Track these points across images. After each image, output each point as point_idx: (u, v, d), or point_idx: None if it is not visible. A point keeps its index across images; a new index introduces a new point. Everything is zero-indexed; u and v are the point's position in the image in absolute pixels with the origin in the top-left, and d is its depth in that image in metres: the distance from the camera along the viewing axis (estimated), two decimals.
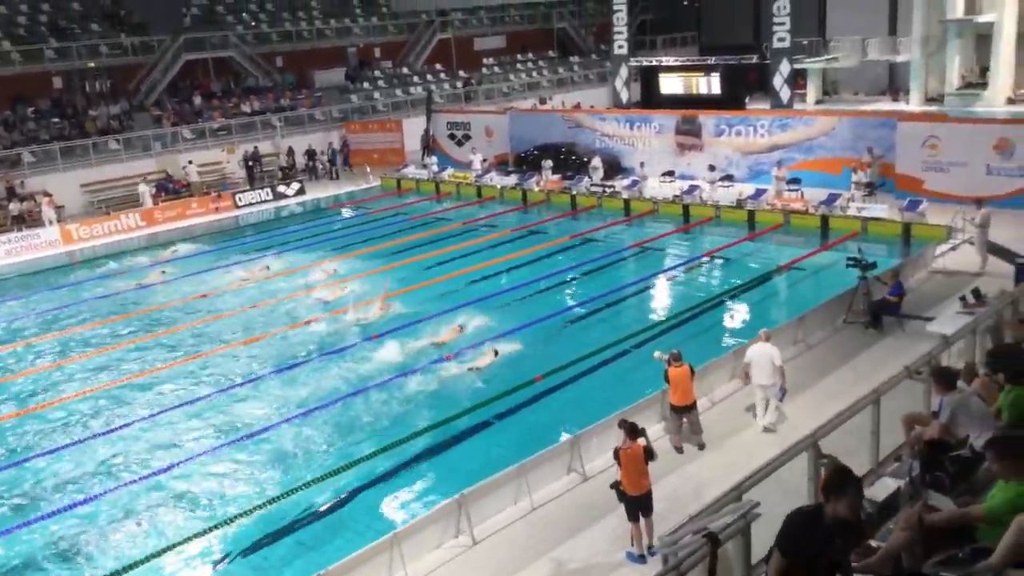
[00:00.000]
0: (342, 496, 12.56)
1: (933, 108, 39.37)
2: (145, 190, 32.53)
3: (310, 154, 37.91)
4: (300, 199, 34.40)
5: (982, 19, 40.61)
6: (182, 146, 35.78)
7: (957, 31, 41.82)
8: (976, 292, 15.00)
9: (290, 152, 37.51)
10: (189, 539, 11.55)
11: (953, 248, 20.97)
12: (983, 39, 41.37)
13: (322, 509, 12.29)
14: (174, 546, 11.44)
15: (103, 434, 14.96)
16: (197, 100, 38.51)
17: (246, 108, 38.80)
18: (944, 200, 23.81)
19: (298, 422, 14.88)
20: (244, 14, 43.45)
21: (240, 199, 33.56)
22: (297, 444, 14.17)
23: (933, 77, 42.84)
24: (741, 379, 13.95)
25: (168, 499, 12.80)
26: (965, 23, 41.54)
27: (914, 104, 41.91)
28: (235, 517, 12.03)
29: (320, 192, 35.30)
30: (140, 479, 13.30)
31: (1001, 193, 23.24)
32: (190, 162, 34.60)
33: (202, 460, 13.82)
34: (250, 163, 35.92)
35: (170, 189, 33.72)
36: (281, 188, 34.68)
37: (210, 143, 36.64)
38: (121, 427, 15.18)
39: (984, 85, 41.01)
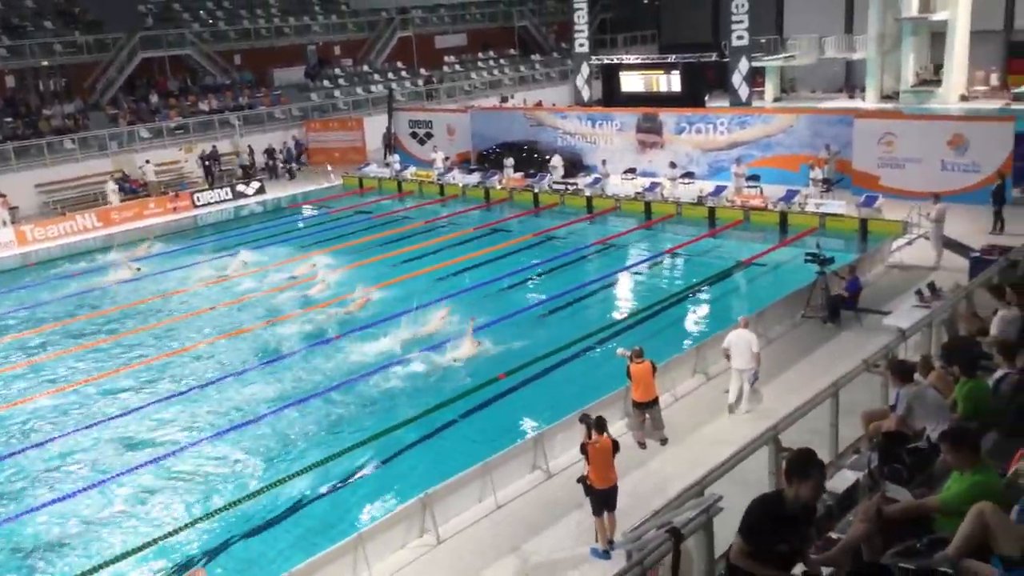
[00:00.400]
0: (304, 497, 12.46)
1: (889, 105, 40.06)
2: (113, 187, 32.09)
3: (269, 153, 37.56)
4: (260, 198, 34.04)
5: (936, 17, 41.38)
6: (139, 145, 35.21)
7: (912, 29, 42.59)
8: (931, 286, 15.27)
9: (250, 151, 37.14)
10: (147, 544, 11.40)
11: (909, 243, 21.32)
12: (937, 37, 42.18)
13: (284, 510, 12.19)
14: (128, 553, 11.29)
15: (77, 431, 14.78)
16: (154, 98, 37.95)
17: (204, 107, 38.31)
18: (900, 196, 24.21)
19: (254, 427, 14.75)
20: (201, 12, 42.88)
21: (198, 199, 33.13)
22: (254, 448, 14.04)
23: (888, 75, 43.58)
24: (726, 359, 14.05)
25: (124, 501, 12.65)
26: (920, 21, 42.33)
27: (870, 101, 42.60)
28: (194, 521, 11.90)
29: (280, 191, 34.96)
30: (97, 483, 13.13)
31: (955, 189, 23.67)
32: (147, 161, 34.09)
33: (164, 463, 13.66)
34: (208, 162, 35.49)
35: (127, 189, 33.19)
36: (240, 187, 34.31)
37: (167, 142, 36.11)
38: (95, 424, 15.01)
39: (938, 82, 41.80)
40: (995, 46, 43.07)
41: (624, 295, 20.82)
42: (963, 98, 40.65)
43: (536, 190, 30.15)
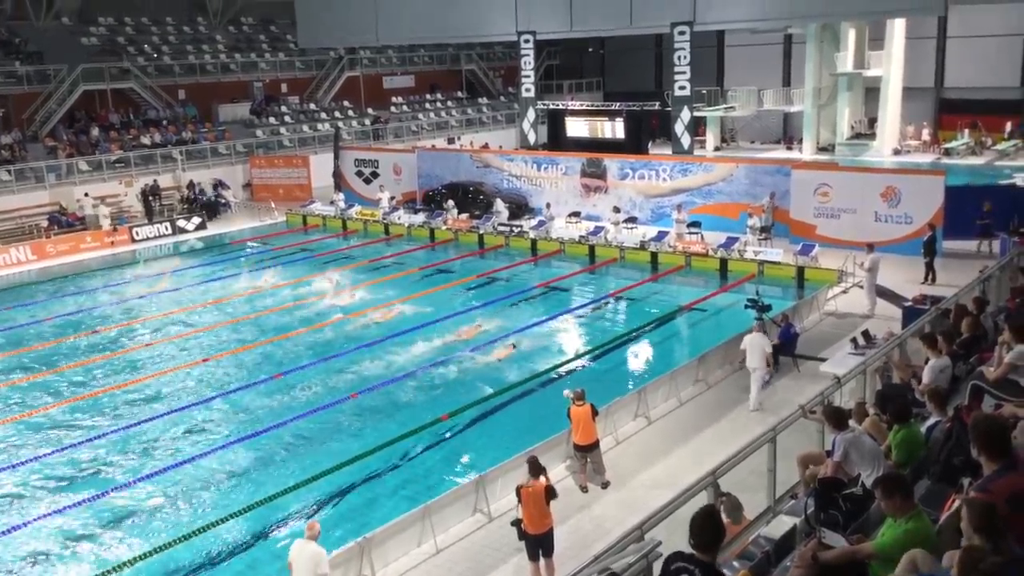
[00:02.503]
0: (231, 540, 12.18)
1: (824, 157, 41.28)
2: (105, 211, 32.24)
3: (213, 188, 37.12)
4: (201, 234, 33.58)
5: (870, 73, 42.97)
6: (77, 178, 34.56)
7: (847, 84, 44.12)
8: (866, 334, 15.63)
9: (191, 186, 36.68)
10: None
11: (844, 291, 21.83)
12: (872, 92, 43.75)
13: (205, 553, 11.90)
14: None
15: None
16: (95, 131, 37.33)
17: (146, 140, 37.81)
18: (835, 245, 24.82)
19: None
20: (146, 46, 42.49)
21: (137, 233, 32.56)
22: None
23: (824, 127, 45.00)
24: (738, 362, 16.31)
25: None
26: (854, 77, 43.90)
27: (807, 153, 43.88)
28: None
29: (222, 227, 34.52)
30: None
31: (888, 239, 24.36)
32: (86, 194, 33.42)
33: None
34: (149, 196, 34.94)
35: (63, 222, 32.46)
36: (181, 223, 33.82)
37: (107, 175, 35.50)
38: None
39: (872, 136, 43.28)
40: (926, 102, 44.83)
41: (567, 338, 20.88)
42: (896, 152, 42.09)
43: (481, 231, 30.27)
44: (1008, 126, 42.48)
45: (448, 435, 15.32)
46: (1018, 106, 42.79)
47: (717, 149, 47.44)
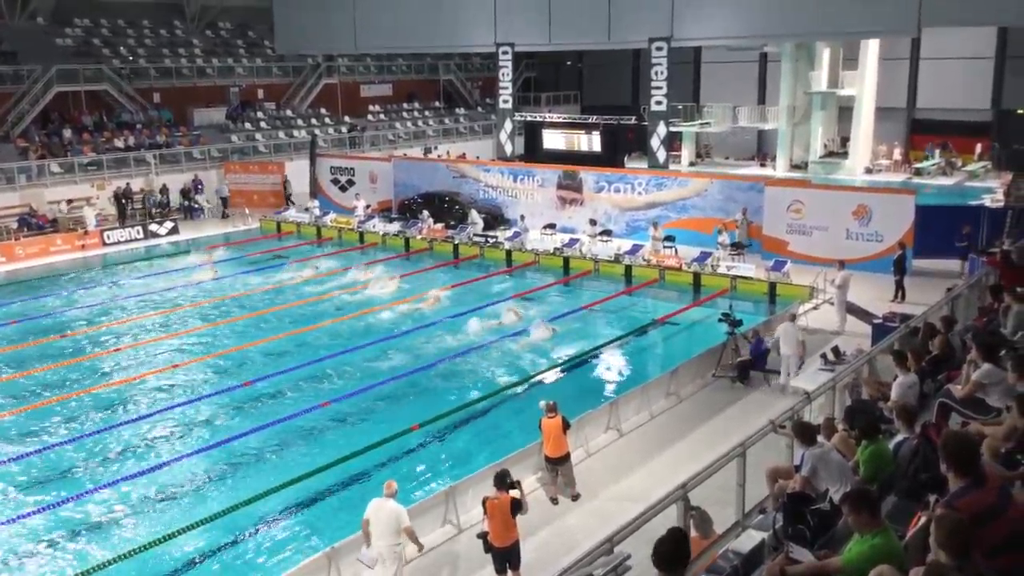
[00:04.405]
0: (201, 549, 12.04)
1: (797, 174, 41.68)
2: (90, 211, 32.11)
3: (185, 192, 36.87)
4: (173, 239, 33.29)
5: (844, 93, 43.49)
6: (49, 180, 34.17)
7: (821, 103, 44.62)
8: (836, 350, 15.78)
9: (164, 190, 36.39)
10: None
11: (815, 307, 22.01)
12: (845, 111, 44.28)
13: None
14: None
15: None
16: (67, 133, 36.93)
17: (119, 143, 37.45)
18: (807, 262, 25.06)
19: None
20: (122, 48, 42.11)
21: (108, 237, 32.22)
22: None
23: (798, 145, 45.47)
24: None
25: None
26: (828, 96, 44.41)
27: (780, 170, 44.29)
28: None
29: (195, 232, 34.24)
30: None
31: (859, 257, 24.62)
32: (70, 201, 32.96)
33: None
34: (122, 200, 34.60)
35: (33, 224, 32.05)
36: (153, 227, 33.51)
37: (79, 178, 35.13)
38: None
39: (845, 155, 43.78)
40: (898, 122, 45.46)
41: (540, 349, 20.87)
42: (868, 170, 42.58)
43: (456, 241, 30.25)
44: (978, 147, 43.17)
45: (419, 446, 15.24)
46: (988, 128, 43.52)
47: (692, 164, 47.79)
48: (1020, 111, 42.69)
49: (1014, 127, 42.57)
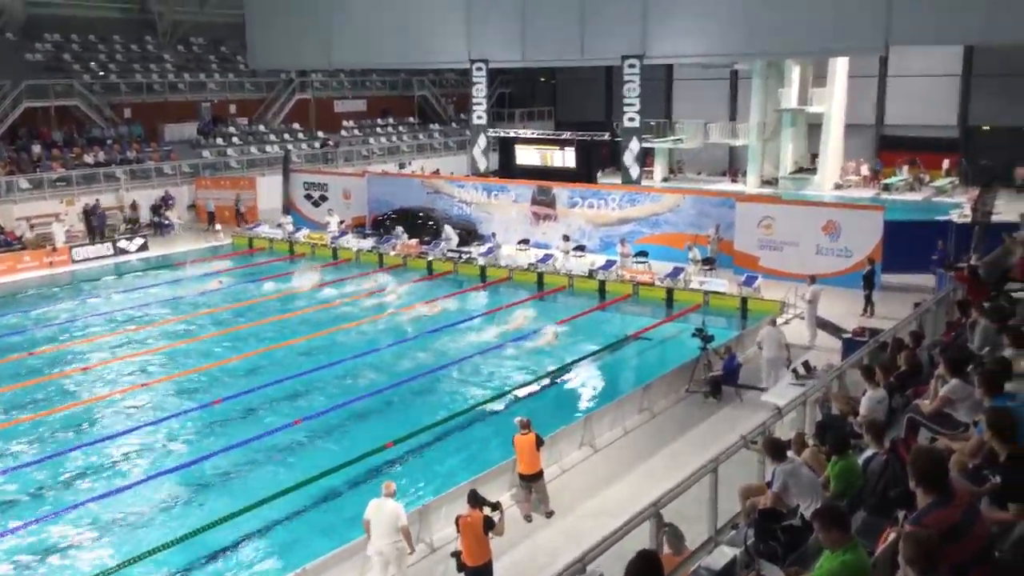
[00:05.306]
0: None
1: (768, 190, 42.09)
2: (59, 228, 31.91)
3: (155, 209, 36.59)
4: (143, 255, 32.96)
5: (813, 110, 44.02)
6: (17, 196, 33.77)
7: (790, 120, 45.14)
8: (806, 365, 15.87)
9: (134, 206, 36.08)
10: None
11: (786, 322, 22.15)
12: (814, 128, 44.81)
13: None
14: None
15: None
16: (36, 149, 36.52)
17: (89, 159, 37.09)
18: (778, 277, 25.27)
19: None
20: (92, 63, 41.79)
21: (77, 254, 31.84)
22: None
23: (768, 161, 45.95)
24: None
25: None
26: (797, 113, 44.94)
27: (751, 186, 44.71)
28: None
29: (165, 248, 33.93)
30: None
31: (829, 272, 24.86)
32: (32, 226, 32.59)
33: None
34: (91, 216, 34.24)
35: (0, 241, 31.63)
36: (123, 243, 33.18)
37: (48, 194, 34.73)
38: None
39: (814, 171, 44.25)
40: (867, 139, 46.11)
41: (514, 365, 20.86)
42: (837, 186, 43.06)
43: (430, 257, 30.21)
44: (945, 163, 43.81)
45: (393, 462, 15.15)
46: (955, 144, 44.18)
47: (665, 180, 48.11)
48: (986, 128, 43.46)
49: (980, 143, 43.33)
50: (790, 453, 8.77)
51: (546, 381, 19.15)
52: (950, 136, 44.28)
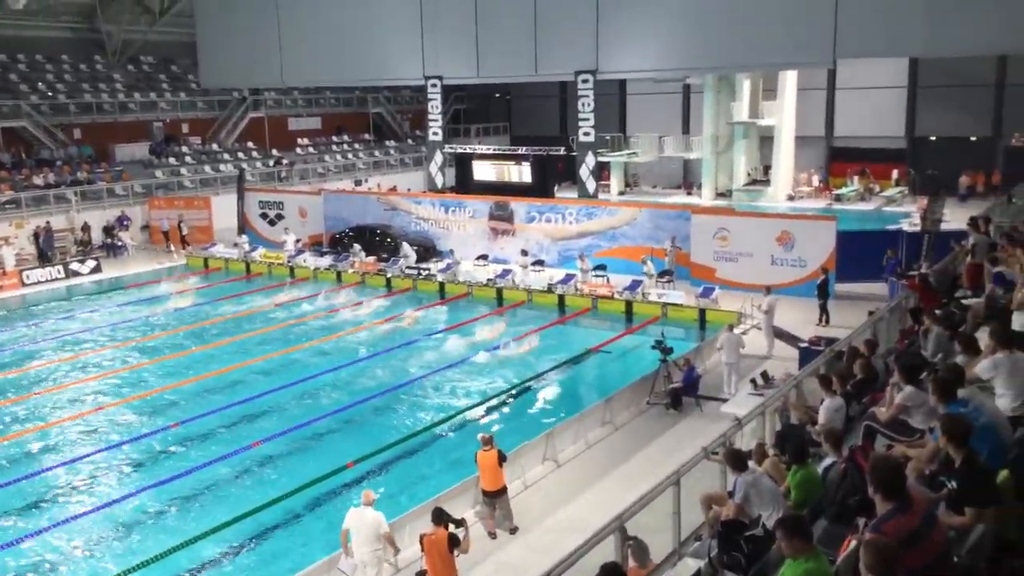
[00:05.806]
0: None
1: (723, 202, 42.62)
2: (9, 251, 31.21)
3: (107, 230, 35.99)
4: (96, 277, 32.37)
5: (764, 123, 44.73)
6: None
7: (743, 133, 45.80)
8: (764, 375, 16.06)
9: (85, 227, 35.47)
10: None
11: (744, 333, 22.40)
12: (766, 140, 45.53)
13: None
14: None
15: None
16: None
17: (39, 181, 36.41)
18: (735, 288, 25.56)
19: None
20: (40, 84, 41.10)
21: (28, 276, 31.20)
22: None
23: (722, 173, 46.54)
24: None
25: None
26: (749, 126, 45.62)
27: (706, 198, 45.23)
28: None
29: (118, 270, 33.38)
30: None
31: (784, 282, 25.21)
32: (3, 240, 31.98)
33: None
34: (41, 239, 33.58)
35: None
36: (75, 266, 32.58)
37: None
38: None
39: (767, 182, 44.89)
40: (818, 150, 46.92)
41: (475, 381, 20.83)
42: (790, 197, 43.72)
43: (389, 274, 30.09)
44: (895, 173, 44.75)
45: (354, 482, 15.02)
46: (903, 154, 45.14)
47: (621, 193, 48.43)
48: (933, 138, 44.49)
49: (927, 153, 44.34)
50: (751, 463, 8.86)
51: (507, 396, 19.13)
52: (898, 147, 45.24)
